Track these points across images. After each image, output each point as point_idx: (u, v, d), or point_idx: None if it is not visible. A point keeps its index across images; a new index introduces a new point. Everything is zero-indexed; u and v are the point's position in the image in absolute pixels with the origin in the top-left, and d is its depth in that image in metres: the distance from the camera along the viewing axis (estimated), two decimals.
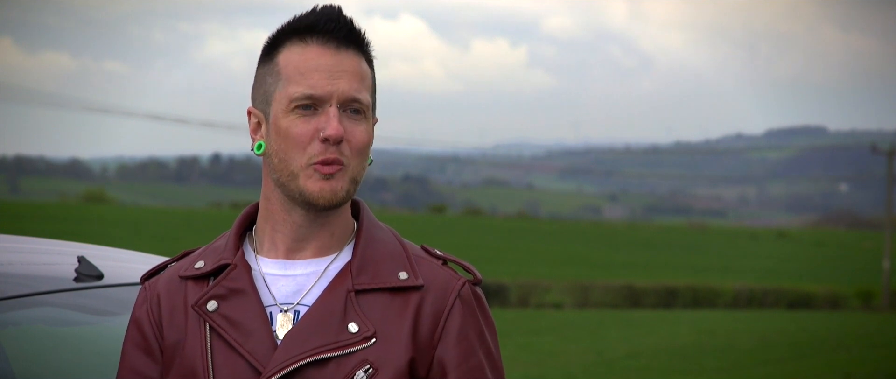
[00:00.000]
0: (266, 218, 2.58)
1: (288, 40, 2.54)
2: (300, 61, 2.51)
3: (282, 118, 2.50)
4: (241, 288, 2.54)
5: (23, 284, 3.27)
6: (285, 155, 2.50)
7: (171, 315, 2.58)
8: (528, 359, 27.88)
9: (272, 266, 2.56)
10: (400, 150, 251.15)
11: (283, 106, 2.50)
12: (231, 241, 2.61)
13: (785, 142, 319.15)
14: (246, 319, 2.51)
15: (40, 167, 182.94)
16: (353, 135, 2.51)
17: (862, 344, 32.73)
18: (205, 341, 2.52)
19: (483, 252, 69.09)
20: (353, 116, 2.51)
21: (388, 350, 2.48)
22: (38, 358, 3.35)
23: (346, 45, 2.52)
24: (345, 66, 2.51)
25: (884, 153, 57.51)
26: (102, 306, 3.37)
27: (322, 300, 2.51)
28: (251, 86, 2.61)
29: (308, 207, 2.52)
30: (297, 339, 2.48)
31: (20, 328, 3.30)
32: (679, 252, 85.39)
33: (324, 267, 2.55)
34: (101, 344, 3.34)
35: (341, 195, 2.51)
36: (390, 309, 2.52)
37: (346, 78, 2.50)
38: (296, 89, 2.50)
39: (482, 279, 2.61)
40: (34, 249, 3.60)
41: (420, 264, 2.57)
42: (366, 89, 2.53)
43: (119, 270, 3.45)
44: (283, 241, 2.56)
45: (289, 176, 2.51)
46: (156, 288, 2.62)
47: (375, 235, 2.59)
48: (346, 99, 2.50)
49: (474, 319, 2.56)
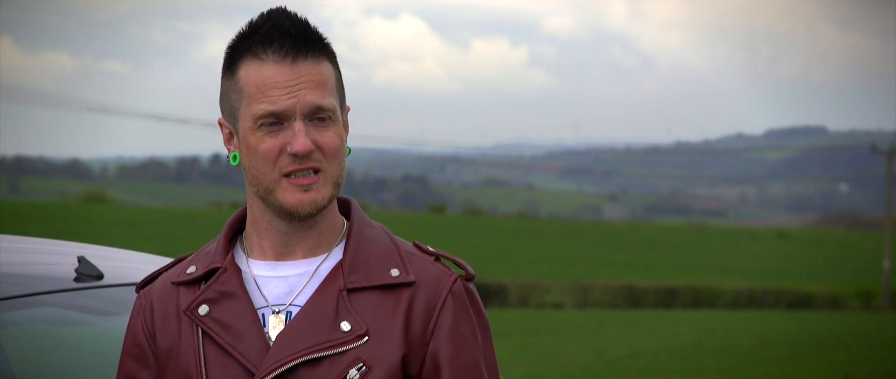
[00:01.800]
0: (252, 224, 2.59)
1: (244, 55, 2.52)
2: (258, 78, 2.49)
3: (249, 135, 2.50)
4: (232, 291, 2.54)
5: (23, 284, 3.27)
6: (257, 171, 2.51)
7: (164, 322, 2.59)
8: (528, 359, 27.87)
9: (263, 268, 2.57)
10: (400, 150, 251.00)
11: (249, 124, 2.50)
12: (221, 245, 2.61)
13: (785, 142, 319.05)
14: (237, 321, 2.52)
15: (40, 167, 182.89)
16: (323, 142, 2.50)
17: (862, 344, 32.70)
18: (197, 345, 2.53)
19: (483, 252, 69.07)
20: (320, 124, 2.50)
21: (380, 348, 2.49)
22: (38, 358, 3.36)
23: (303, 54, 2.50)
24: (303, 77, 2.49)
25: (884, 153, 57.49)
26: (102, 306, 3.38)
27: (314, 300, 2.52)
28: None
29: (290, 216, 2.53)
30: (289, 339, 2.49)
31: (20, 328, 3.30)
32: (679, 252, 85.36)
33: (314, 267, 2.55)
34: (101, 344, 3.34)
35: (322, 203, 2.51)
36: (382, 306, 2.52)
37: (307, 88, 2.49)
38: (258, 107, 2.48)
39: (475, 275, 2.60)
40: (34, 249, 3.60)
41: (412, 261, 2.57)
42: (329, 93, 2.51)
43: (119, 270, 3.45)
44: (270, 246, 2.57)
45: (265, 190, 2.51)
46: (150, 296, 2.64)
47: (366, 233, 2.59)
48: (310, 110, 2.49)
49: (467, 314, 2.55)
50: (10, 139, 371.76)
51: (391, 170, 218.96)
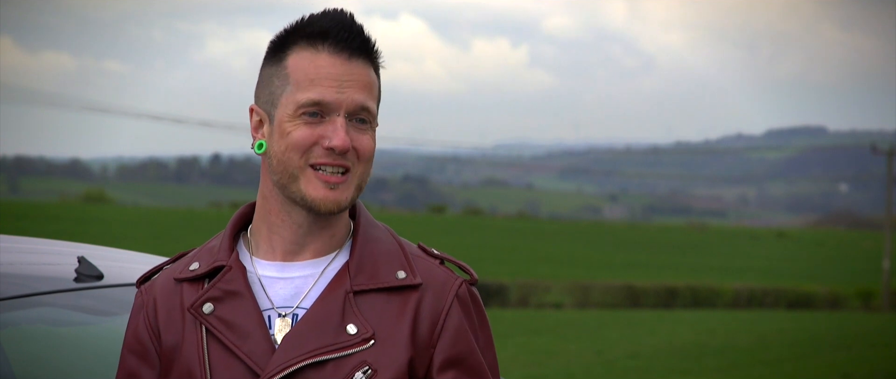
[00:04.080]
0: (263, 218, 2.57)
1: (298, 43, 2.52)
2: (310, 67, 2.49)
3: (287, 122, 2.49)
4: (237, 290, 2.52)
5: (23, 284, 3.27)
6: (286, 157, 2.49)
7: (168, 319, 2.57)
8: (528, 359, 27.87)
9: (269, 269, 2.55)
10: (400, 150, 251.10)
11: (290, 110, 2.49)
12: (225, 242, 2.59)
13: (785, 142, 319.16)
14: (242, 321, 2.50)
15: (40, 167, 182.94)
16: (359, 143, 2.50)
17: (862, 344, 32.69)
18: (201, 344, 2.51)
19: (483, 252, 69.06)
20: (359, 126, 2.51)
21: (387, 351, 2.48)
22: (38, 358, 3.35)
23: (357, 55, 2.51)
24: (355, 75, 2.50)
25: (884, 153, 57.47)
26: (102, 306, 3.37)
27: (320, 302, 2.50)
28: (255, 83, 2.59)
29: (309, 210, 2.51)
30: (295, 341, 2.48)
31: (20, 328, 3.30)
32: (679, 252, 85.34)
33: (321, 269, 2.54)
34: (101, 344, 3.34)
35: (345, 204, 2.51)
36: (389, 309, 2.51)
37: (356, 88, 2.50)
38: (305, 95, 2.48)
39: (478, 279, 2.60)
40: (34, 249, 3.59)
41: (418, 263, 2.56)
42: (373, 99, 2.53)
43: (119, 270, 3.45)
44: (281, 243, 2.55)
45: (289, 178, 2.50)
46: (152, 292, 2.61)
47: (373, 235, 2.58)
48: (355, 109, 2.50)
49: (471, 318, 2.55)
50: (10, 139, 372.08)
51: (391, 170, 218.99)
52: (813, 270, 74.05)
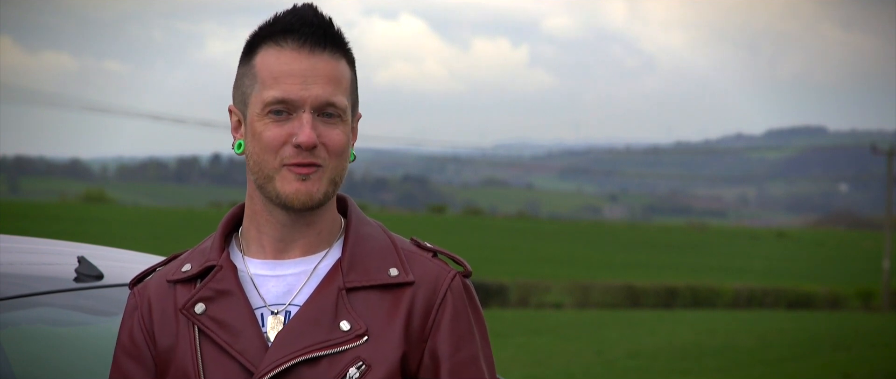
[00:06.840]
0: (251, 218, 2.58)
1: (265, 42, 2.52)
2: (275, 65, 2.50)
3: (256, 121, 2.50)
4: (228, 289, 2.53)
5: (23, 284, 3.27)
6: (260, 158, 2.50)
7: (162, 321, 2.57)
8: (528, 359, 27.86)
9: (261, 267, 2.56)
10: (400, 150, 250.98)
11: (258, 109, 2.50)
12: (216, 242, 2.60)
13: (785, 142, 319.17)
14: (234, 319, 2.50)
15: (40, 167, 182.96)
16: (328, 138, 2.49)
17: (862, 344, 32.68)
18: (194, 344, 2.52)
19: (483, 252, 69.05)
20: (328, 120, 2.50)
21: (380, 347, 2.48)
22: (38, 358, 3.35)
23: (321, 48, 2.50)
24: (319, 70, 2.49)
25: (884, 153, 57.47)
26: (102, 306, 3.37)
27: (313, 299, 2.51)
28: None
29: (285, 207, 2.52)
30: (288, 338, 2.48)
31: (20, 328, 3.30)
32: (679, 252, 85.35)
33: (313, 266, 2.54)
34: (101, 344, 3.34)
35: (318, 197, 2.50)
36: (382, 305, 2.52)
37: (321, 83, 2.49)
38: (269, 94, 2.48)
39: (472, 271, 2.60)
40: (34, 249, 3.59)
41: (410, 259, 2.56)
42: (342, 92, 2.51)
43: (119, 270, 3.45)
44: (269, 241, 2.55)
45: (264, 178, 2.50)
46: (146, 294, 2.62)
47: (364, 231, 2.58)
48: (320, 104, 2.49)
49: (465, 310, 2.55)
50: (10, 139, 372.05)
51: (391, 170, 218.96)
52: (813, 270, 74.06)
